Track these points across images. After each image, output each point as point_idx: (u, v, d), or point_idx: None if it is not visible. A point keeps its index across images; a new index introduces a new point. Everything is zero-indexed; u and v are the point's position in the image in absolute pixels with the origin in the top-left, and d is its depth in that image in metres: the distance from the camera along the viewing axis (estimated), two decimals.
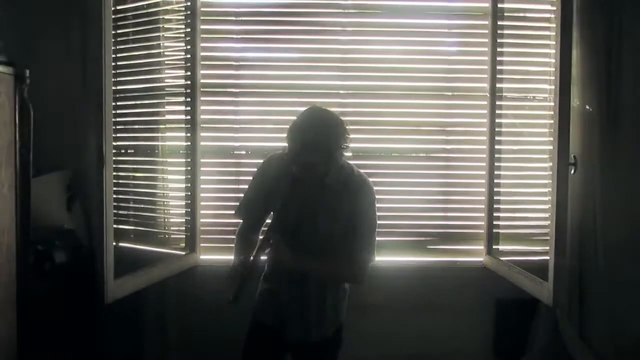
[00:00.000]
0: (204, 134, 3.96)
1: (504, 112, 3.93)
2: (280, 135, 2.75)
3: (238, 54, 4.11)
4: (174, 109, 4.01)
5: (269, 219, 2.96)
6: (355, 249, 2.82)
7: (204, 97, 3.95)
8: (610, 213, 3.71)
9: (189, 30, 3.84)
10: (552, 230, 3.12)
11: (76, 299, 3.47)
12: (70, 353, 3.40)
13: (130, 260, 3.53)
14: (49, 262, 3.25)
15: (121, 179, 3.75)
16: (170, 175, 4.02)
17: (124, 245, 3.62)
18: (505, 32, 3.91)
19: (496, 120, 3.92)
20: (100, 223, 3.06)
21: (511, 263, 3.75)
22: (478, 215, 4.06)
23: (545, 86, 3.94)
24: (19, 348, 2.74)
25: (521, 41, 4.00)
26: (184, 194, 3.91)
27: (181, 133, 3.91)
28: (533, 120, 4.06)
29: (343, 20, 4.09)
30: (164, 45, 3.95)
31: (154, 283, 3.58)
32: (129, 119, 3.79)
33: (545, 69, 3.93)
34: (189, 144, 3.87)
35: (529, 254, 3.83)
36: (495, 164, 3.94)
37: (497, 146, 3.93)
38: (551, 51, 3.73)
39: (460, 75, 4.16)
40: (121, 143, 3.73)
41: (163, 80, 3.99)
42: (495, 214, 3.95)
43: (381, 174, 4.03)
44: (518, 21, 4.00)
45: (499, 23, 3.89)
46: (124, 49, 3.64)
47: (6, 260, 2.65)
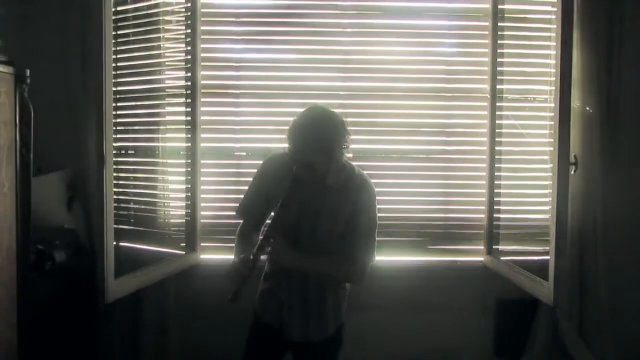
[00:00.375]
0: (204, 134, 3.95)
1: (504, 113, 3.93)
2: (281, 136, 2.74)
3: (238, 55, 4.12)
4: (175, 109, 4.00)
5: (270, 218, 2.95)
6: (355, 249, 2.81)
7: (204, 98, 3.94)
8: (611, 213, 3.71)
9: (190, 31, 3.83)
10: (553, 230, 3.11)
11: (76, 299, 3.47)
12: (70, 352, 3.40)
13: (131, 259, 3.53)
14: (50, 262, 3.24)
15: (121, 179, 3.76)
16: (170, 177, 4.01)
17: (124, 244, 3.63)
18: (506, 33, 3.91)
19: (496, 122, 3.92)
20: (101, 223, 3.06)
21: (511, 263, 3.75)
22: (478, 216, 4.07)
23: (546, 87, 3.95)
24: (19, 348, 2.73)
25: (521, 42, 4.00)
26: (184, 195, 3.91)
27: (181, 134, 3.90)
28: (533, 122, 4.05)
29: (343, 22, 4.10)
30: (164, 46, 3.95)
31: (154, 282, 3.59)
32: (129, 119, 3.79)
33: (546, 70, 3.95)
34: (190, 144, 3.86)
35: (530, 254, 3.83)
36: (496, 165, 3.94)
37: (497, 147, 3.93)
38: (551, 52, 3.74)
39: (460, 77, 4.17)
40: (122, 144, 3.74)
41: (163, 81, 3.99)
42: (495, 215, 3.96)
43: (382, 175, 4.04)
44: (518, 22, 3.99)
45: (499, 24, 3.90)
46: (124, 50, 3.64)
47: (7, 259, 2.64)
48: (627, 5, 3.76)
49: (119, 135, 3.53)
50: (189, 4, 3.82)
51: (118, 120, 3.43)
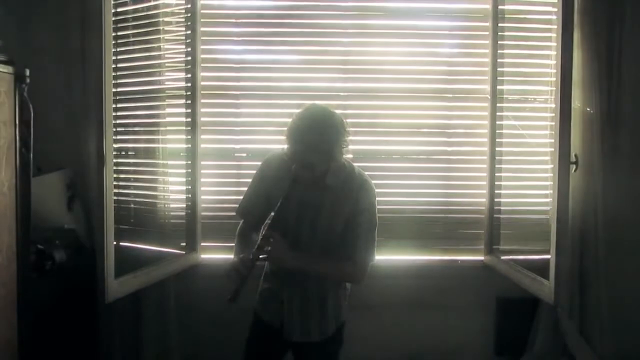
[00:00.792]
0: (204, 136, 3.95)
1: (505, 114, 3.94)
2: (281, 137, 2.73)
3: (238, 56, 4.12)
4: (175, 111, 3.99)
5: (269, 218, 2.94)
6: (355, 249, 2.80)
7: (204, 99, 3.94)
8: (611, 212, 3.71)
9: (190, 32, 3.83)
10: (553, 229, 3.11)
11: (77, 299, 3.46)
12: (70, 352, 3.39)
13: (131, 259, 3.52)
14: (50, 262, 3.24)
15: (122, 180, 3.76)
16: (171, 178, 4.00)
17: (124, 244, 3.62)
18: (506, 34, 3.92)
19: (497, 122, 3.93)
20: (101, 222, 3.06)
21: (512, 262, 3.76)
22: (479, 216, 4.06)
23: (546, 88, 3.95)
24: (20, 347, 2.73)
25: (522, 43, 4.00)
26: (184, 196, 3.91)
27: (182, 135, 3.90)
28: (534, 122, 4.05)
29: (344, 22, 4.09)
30: (164, 47, 3.94)
31: (155, 282, 3.59)
32: (129, 120, 3.79)
33: (546, 70, 3.94)
34: (190, 146, 3.86)
35: (530, 253, 3.82)
36: (496, 166, 3.94)
37: (498, 148, 3.94)
38: (552, 53, 3.74)
39: (461, 77, 4.17)
40: (122, 145, 3.73)
41: (163, 82, 3.99)
42: (495, 214, 3.96)
43: (382, 176, 4.03)
44: (519, 23, 3.99)
45: (500, 25, 3.90)
46: (124, 51, 3.64)
47: (7, 259, 2.64)
48: (627, 5, 3.77)
49: (119, 137, 3.52)
50: (189, 5, 3.82)
51: (118, 121, 3.43)
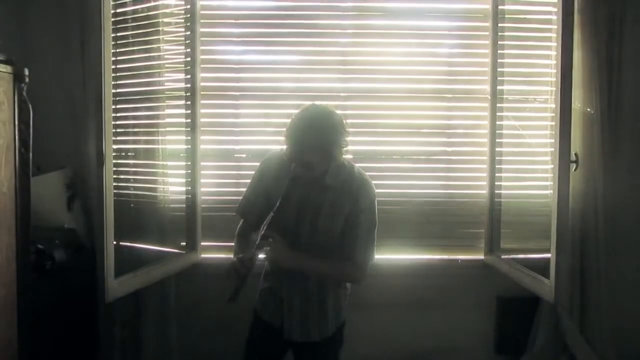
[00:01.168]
0: (204, 136, 3.95)
1: (505, 114, 3.93)
2: (281, 138, 2.73)
3: (238, 57, 4.12)
4: (174, 112, 3.98)
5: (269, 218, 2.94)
6: (354, 249, 2.80)
7: (203, 100, 3.94)
8: (611, 211, 3.71)
9: (189, 33, 3.83)
10: (554, 228, 3.09)
11: (77, 298, 3.46)
12: (71, 352, 3.40)
13: (131, 259, 3.52)
14: (50, 261, 3.25)
15: (122, 181, 3.75)
16: (171, 179, 4.00)
17: (124, 244, 3.60)
18: (506, 34, 3.92)
19: (497, 122, 3.93)
20: (101, 222, 3.05)
21: (512, 261, 3.76)
22: (479, 215, 4.05)
23: (546, 88, 3.95)
24: (20, 347, 2.72)
25: (522, 43, 4.01)
26: (184, 196, 3.91)
27: (181, 136, 3.90)
28: (534, 122, 4.05)
29: (343, 23, 4.10)
30: (163, 48, 3.93)
31: (155, 282, 3.59)
32: (129, 121, 3.78)
33: (546, 70, 3.94)
34: (190, 146, 3.86)
35: (530, 252, 3.82)
36: (496, 166, 3.94)
37: (498, 148, 3.93)
38: (552, 53, 3.74)
39: (461, 77, 4.17)
40: (122, 146, 3.72)
41: (163, 82, 3.98)
42: (496, 213, 3.95)
43: (382, 176, 4.03)
44: (519, 23, 3.99)
45: (500, 25, 3.90)
46: (124, 52, 3.63)
47: (6, 259, 2.63)
48: (627, 5, 3.78)
49: (119, 137, 3.52)
50: (188, 6, 3.82)
51: (118, 122, 3.42)
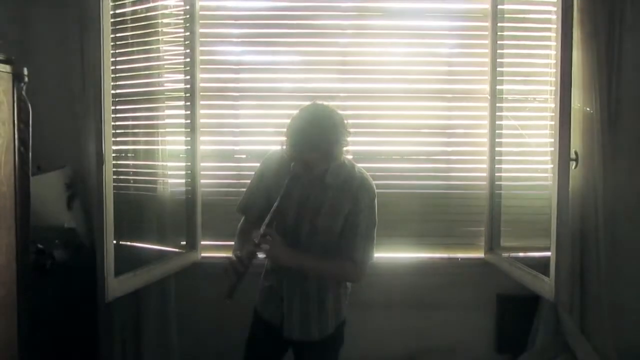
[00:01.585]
0: (203, 137, 3.96)
1: (505, 114, 3.93)
2: (281, 138, 2.72)
3: (237, 57, 4.12)
4: (174, 112, 3.98)
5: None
6: (353, 248, 2.79)
7: (203, 101, 3.94)
8: (611, 210, 3.72)
9: (188, 33, 3.83)
10: (554, 226, 3.10)
11: (77, 297, 3.46)
12: (71, 351, 3.40)
13: (131, 258, 3.52)
14: (50, 261, 3.25)
15: (122, 182, 3.74)
16: (171, 179, 3.99)
17: (124, 243, 3.60)
18: (506, 34, 3.92)
19: (497, 122, 3.93)
20: (101, 221, 3.05)
21: (512, 259, 3.76)
22: (479, 213, 4.05)
23: (546, 87, 3.94)
24: (20, 347, 2.73)
25: (521, 42, 4.01)
26: (184, 196, 3.91)
27: (181, 137, 3.90)
28: (534, 122, 4.05)
29: (343, 23, 4.10)
30: (163, 49, 3.93)
31: (155, 281, 3.59)
32: (129, 122, 3.76)
33: (546, 70, 3.94)
34: (189, 147, 3.87)
35: (531, 250, 3.82)
36: (497, 166, 3.94)
37: (498, 148, 3.94)
38: (552, 52, 3.74)
39: (460, 77, 4.17)
40: (121, 147, 3.72)
41: (162, 83, 3.98)
42: (496, 212, 3.95)
43: (382, 176, 4.02)
44: (518, 22, 3.99)
45: (499, 24, 3.90)
46: (123, 53, 3.62)
47: (6, 258, 2.63)
48: (627, 5, 3.78)
49: (119, 138, 3.52)
50: (188, 7, 3.83)
51: (118, 123, 3.42)
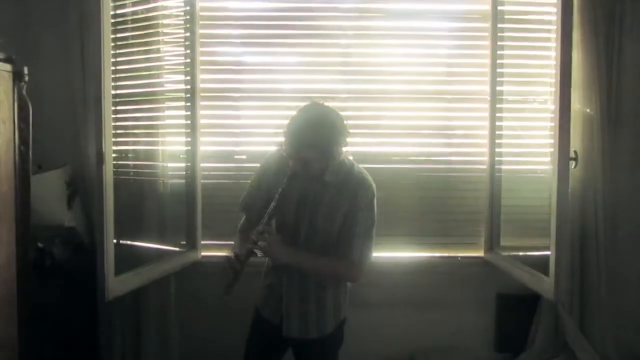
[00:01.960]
0: (203, 138, 3.96)
1: (505, 115, 3.94)
2: (281, 139, 2.73)
3: (238, 58, 4.12)
4: (174, 113, 3.98)
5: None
6: (352, 247, 2.78)
7: (203, 102, 3.95)
8: (611, 210, 3.72)
9: (189, 34, 3.84)
10: (553, 226, 3.10)
11: (77, 297, 3.46)
12: (71, 350, 3.39)
13: (131, 257, 3.52)
14: (50, 260, 3.26)
15: (122, 181, 3.74)
16: (172, 180, 3.99)
17: (124, 242, 3.59)
18: (506, 35, 3.93)
19: (496, 123, 3.93)
20: (101, 220, 3.05)
21: (512, 258, 3.77)
22: (479, 213, 4.06)
23: (546, 88, 3.95)
24: (20, 346, 2.73)
25: (521, 44, 4.02)
26: (185, 196, 3.91)
27: (181, 137, 3.90)
28: (534, 123, 4.06)
29: (343, 24, 4.09)
30: (163, 50, 3.94)
31: (155, 280, 3.60)
32: (129, 122, 3.77)
33: (546, 71, 3.94)
34: (189, 147, 3.87)
35: (530, 249, 3.82)
36: (496, 166, 3.95)
37: (498, 149, 3.94)
38: (551, 53, 3.74)
39: (460, 78, 4.16)
40: (121, 147, 3.72)
41: (163, 84, 3.98)
42: (496, 211, 3.96)
43: (382, 177, 4.00)
44: (518, 24, 4.00)
45: (499, 26, 3.91)
46: (123, 53, 3.62)
47: (6, 257, 2.63)
48: (628, 5, 3.79)
49: (119, 139, 3.51)
50: (188, 8, 3.84)
51: (118, 123, 3.41)
